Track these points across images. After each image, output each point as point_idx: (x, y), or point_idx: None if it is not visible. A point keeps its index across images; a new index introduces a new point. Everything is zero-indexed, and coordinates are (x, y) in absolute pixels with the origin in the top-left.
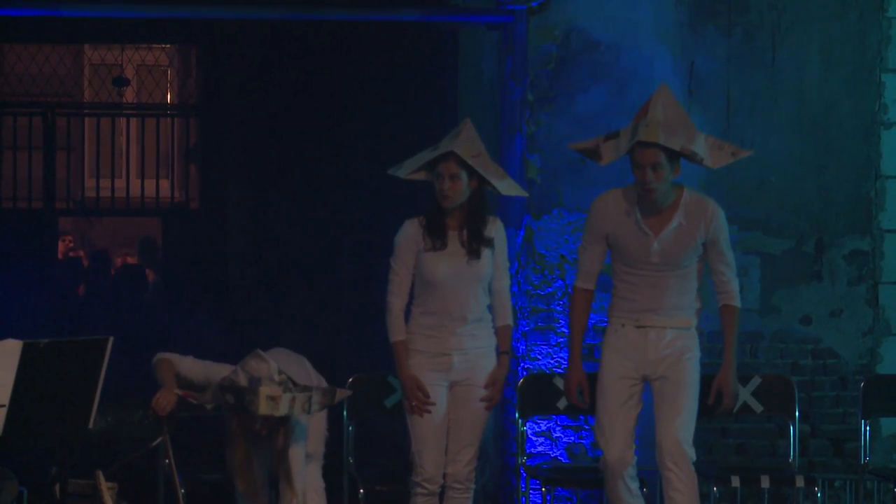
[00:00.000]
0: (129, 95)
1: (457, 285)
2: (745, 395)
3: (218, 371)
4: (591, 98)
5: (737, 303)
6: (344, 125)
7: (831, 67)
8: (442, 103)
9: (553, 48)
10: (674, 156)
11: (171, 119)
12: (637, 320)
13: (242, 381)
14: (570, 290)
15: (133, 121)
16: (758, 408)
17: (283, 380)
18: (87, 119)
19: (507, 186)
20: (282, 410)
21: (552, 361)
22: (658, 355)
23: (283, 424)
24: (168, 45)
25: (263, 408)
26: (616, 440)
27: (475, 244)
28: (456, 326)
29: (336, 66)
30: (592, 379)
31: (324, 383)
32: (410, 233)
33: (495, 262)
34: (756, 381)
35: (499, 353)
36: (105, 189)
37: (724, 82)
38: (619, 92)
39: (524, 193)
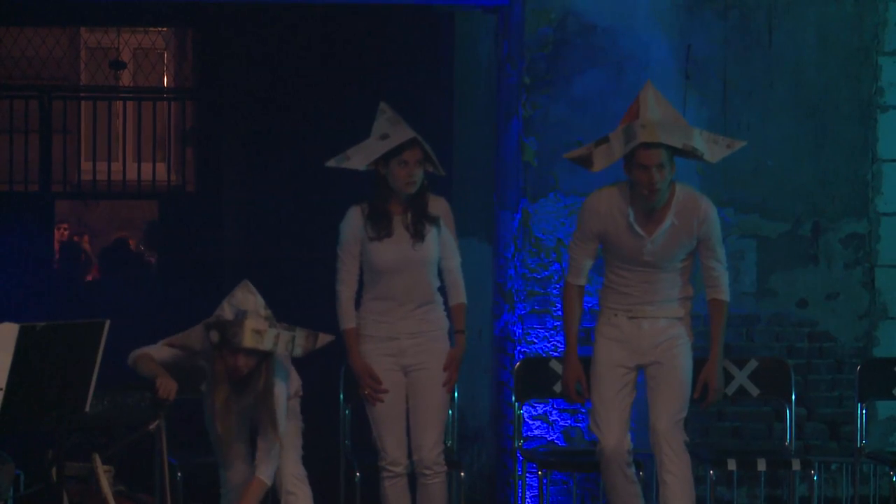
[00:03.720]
0: (126, 79)
1: (404, 271)
2: (741, 378)
3: (188, 335)
4: (587, 81)
5: (726, 297)
6: (340, 108)
7: (828, 50)
8: (438, 87)
9: (549, 31)
10: (673, 154)
11: (168, 102)
12: (630, 311)
13: (228, 314)
14: (566, 273)
15: (130, 104)
16: (754, 391)
17: (268, 315)
18: (83, 102)
19: (440, 167)
20: (266, 345)
21: (549, 345)
22: (652, 342)
23: (265, 362)
24: (164, 29)
25: (248, 340)
26: (612, 429)
27: (420, 225)
28: (406, 311)
29: (331, 49)
30: (588, 362)
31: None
32: (354, 221)
33: (442, 242)
34: (752, 364)
35: (454, 333)
36: (101, 172)
37: (721, 65)
38: (616, 75)
39: (443, 173)
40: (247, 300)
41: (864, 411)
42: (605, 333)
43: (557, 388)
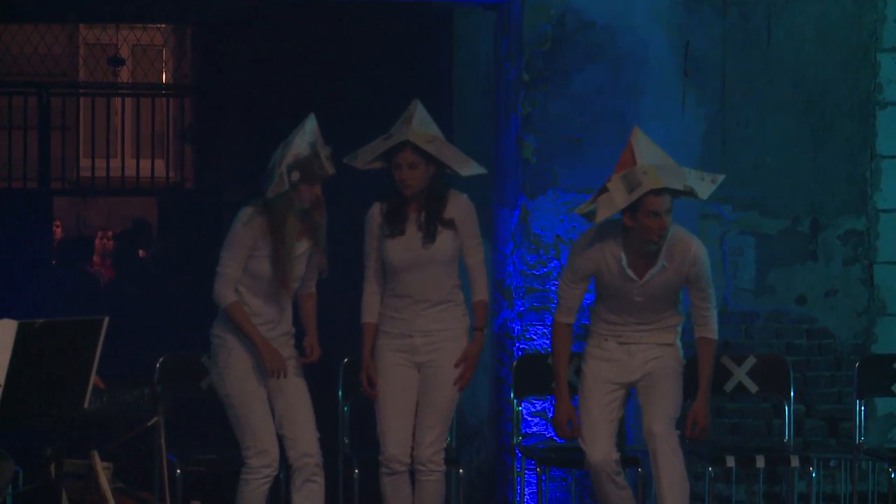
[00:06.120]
0: (124, 75)
1: (416, 270)
2: (740, 375)
3: (240, 235)
4: (586, 78)
5: (714, 335)
6: (338, 105)
7: (827, 47)
8: (437, 84)
9: (548, 28)
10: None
11: (167, 99)
12: (620, 337)
13: (303, 150)
14: (555, 312)
15: (128, 100)
16: (753, 388)
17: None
18: (82, 99)
19: (465, 168)
20: (332, 168)
21: (547, 341)
22: (641, 361)
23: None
24: (163, 25)
25: (329, 167)
26: (599, 442)
27: (432, 227)
28: (420, 309)
29: (330, 46)
30: (582, 357)
31: None
32: (373, 219)
33: (463, 239)
34: (751, 361)
35: (473, 329)
36: (100, 169)
37: (720, 63)
38: (615, 72)
39: (483, 171)
40: (315, 130)
41: (862, 408)
42: (594, 355)
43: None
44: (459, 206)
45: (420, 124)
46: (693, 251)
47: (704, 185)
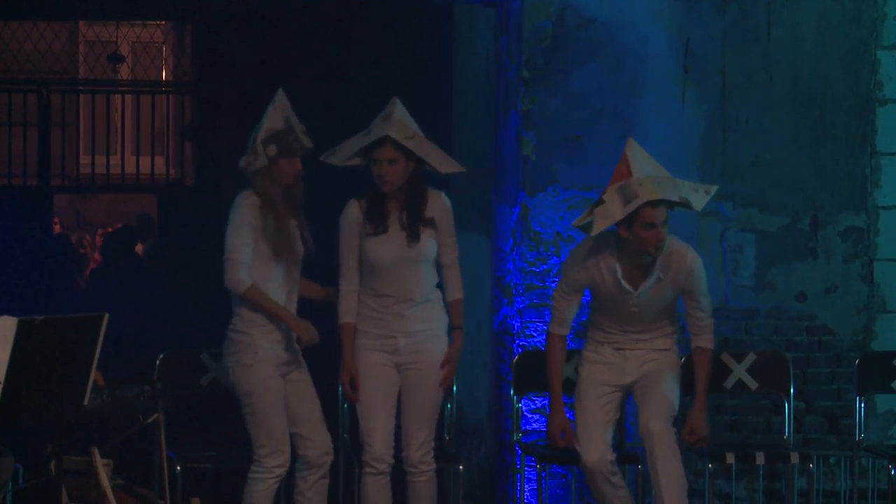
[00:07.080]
0: (124, 72)
1: (399, 268)
2: (739, 371)
3: (241, 223)
4: (586, 75)
5: (710, 344)
6: (338, 102)
7: (827, 44)
8: (437, 81)
9: (548, 25)
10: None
11: (167, 96)
12: (616, 344)
13: (279, 123)
14: (549, 324)
15: (128, 97)
16: (753, 384)
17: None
18: (82, 96)
19: (445, 165)
20: (309, 142)
21: None
22: (637, 364)
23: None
24: (163, 22)
25: (306, 141)
26: (592, 444)
27: (414, 227)
28: (402, 308)
29: (330, 44)
30: (579, 355)
31: None
32: (352, 216)
33: (440, 238)
34: (751, 357)
35: (452, 329)
36: (100, 166)
37: (720, 60)
38: (615, 69)
39: (462, 169)
40: (287, 104)
41: (862, 405)
42: (590, 359)
43: None
44: (439, 205)
45: (400, 120)
46: (689, 262)
47: (699, 197)
